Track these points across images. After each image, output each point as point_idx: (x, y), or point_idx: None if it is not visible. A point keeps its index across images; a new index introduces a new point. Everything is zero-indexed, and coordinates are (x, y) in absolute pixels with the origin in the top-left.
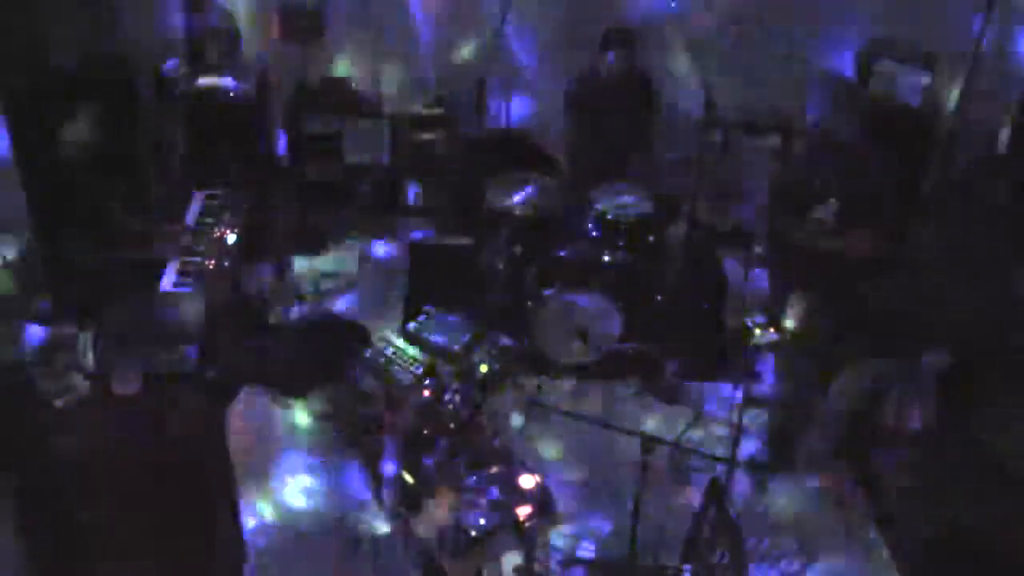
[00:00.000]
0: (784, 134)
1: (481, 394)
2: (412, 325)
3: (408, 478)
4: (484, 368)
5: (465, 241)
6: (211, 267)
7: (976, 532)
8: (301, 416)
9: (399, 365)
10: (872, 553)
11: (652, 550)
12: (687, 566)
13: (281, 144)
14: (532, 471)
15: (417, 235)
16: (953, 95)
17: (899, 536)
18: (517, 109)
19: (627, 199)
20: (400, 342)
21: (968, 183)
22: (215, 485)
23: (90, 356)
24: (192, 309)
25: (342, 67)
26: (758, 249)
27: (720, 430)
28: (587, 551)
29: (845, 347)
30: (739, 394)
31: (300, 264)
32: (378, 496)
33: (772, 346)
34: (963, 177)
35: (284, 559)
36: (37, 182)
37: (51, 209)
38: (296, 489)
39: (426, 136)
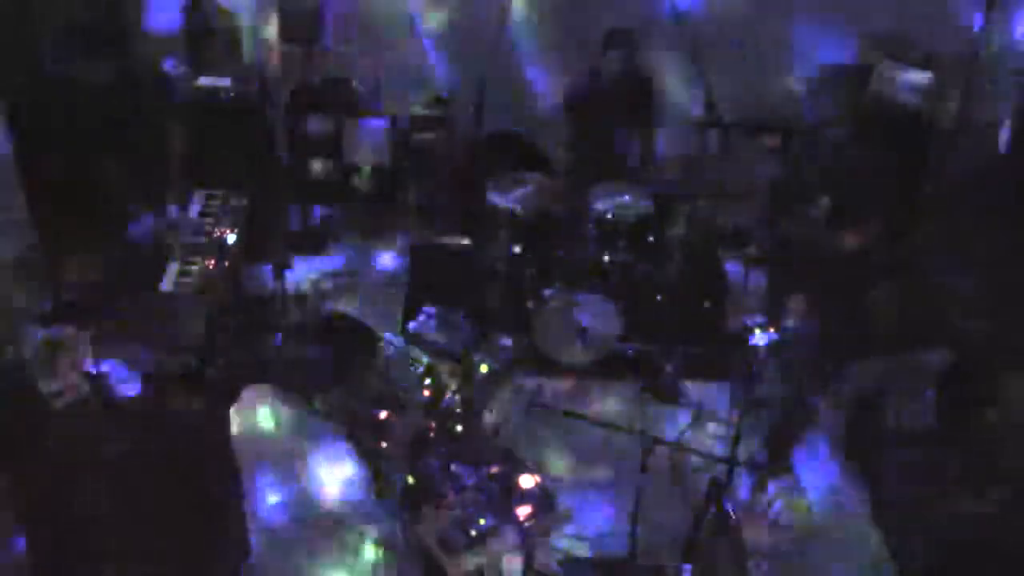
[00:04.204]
0: (784, 134)
1: (481, 394)
2: (412, 325)
3: (409, 478)
4: (484, 368)
5: (465, 241)
6: (211, 267)
7: (976, 532)
8: (303, 416)
9: (400, 365)
10: (872, 553)
11: (652, 550)
12: (687, 566)
13: (281, 144)
14: (532, 471)
15: (417, 235)
16: (953, 95)
17: (899, 536)
18: (518, 109)
19: (627, 199)
20: (401, 342)
21: (968, 183)
22: (217, 485)
23: (90, 356)
24: (192, 309)
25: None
26: (757, 249)
27: (720, 430)
28: (587, 551)
29: (845, 347)
30: (739, 394)
31: (300, 264)
32: (379, 496)
33: (772, 346)
34: (963, 177)
35: (286, 559)
36: (38, 182)
37: (52, 209)
38: (298, 489)
39: (426, 136)
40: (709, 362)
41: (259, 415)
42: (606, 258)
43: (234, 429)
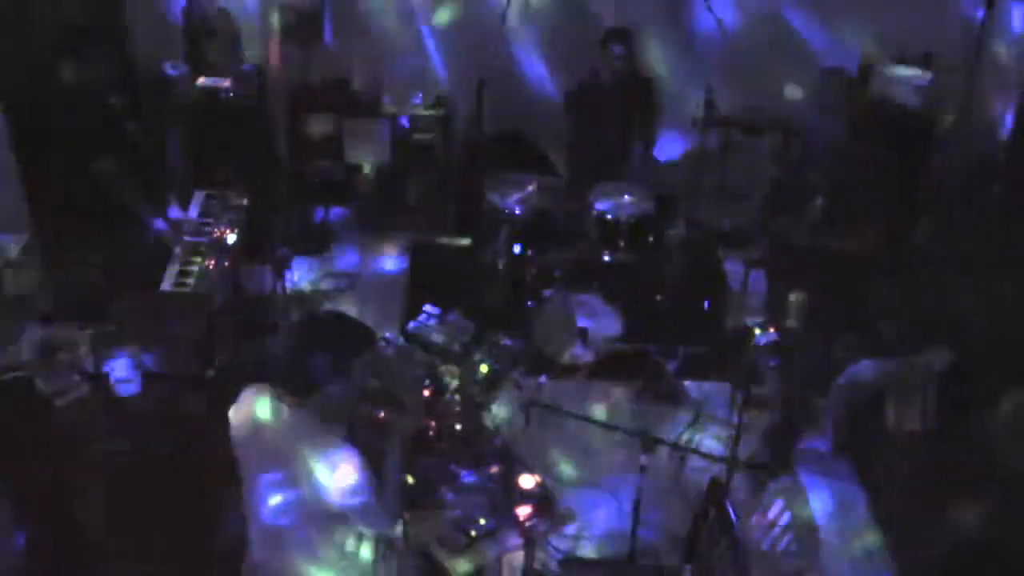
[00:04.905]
0: (784, 134)
1: (481, 394)
2: (412, 325)
3: (409, 478)
4: (484, 368)
5: (465, 241)
6: (211, 267)
7: (976, 532)
8: (302, 416)
9: (399, 365)
10: (872, 553)
11: (652, 550)
12: (687, 566)
13: (281, 144)
14: (532, 471)
15: (417, 235)
16: (953, 95)
17: (899, 536)
18: (517, 109)
19: (627, 199)
20: (401, 342)
21: (968, 183)
22: (216, 485)
23: (90, 356)
24: (192, 309)
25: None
26: (757, 250)
27: (720, 430)
28: (587, 551)
29: (845, 347)
30: (739, 394)
31: (300, 264)
32: (379, 496)
33: (772, 346)
34: (963, 177)
35: (285, 559)
36: (38, 182)
37: (52, 209)
38: (298, 489)
39: (426, 136)
40: (709, 362)
41: (259, 415)
42: (606, 258)
43: (234, 429)
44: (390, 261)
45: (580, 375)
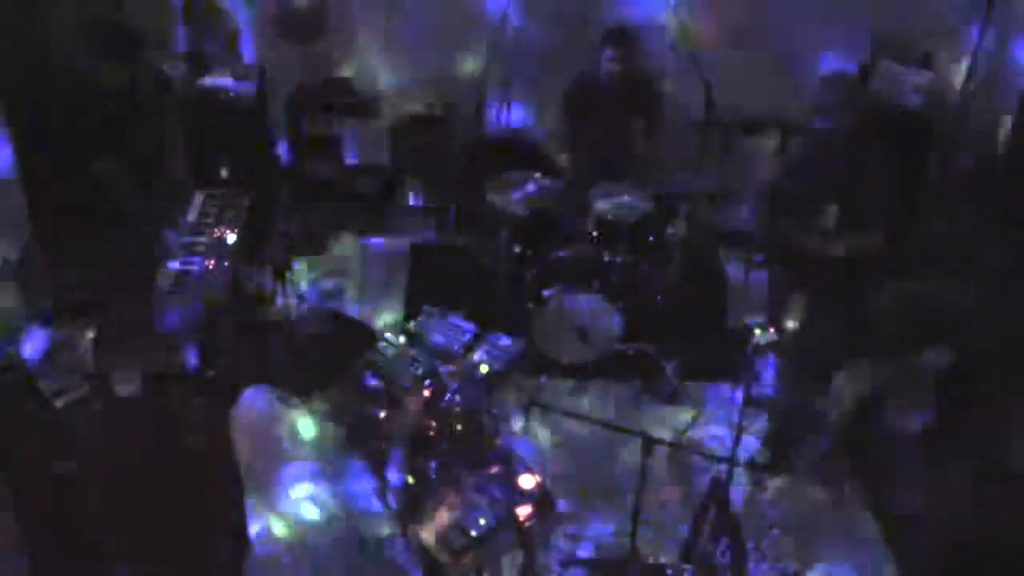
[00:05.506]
0: (784, 134)
1: (481, 394)
2: (412, 325)
3: (409, 479)
4: (484, 368)
5: (465, 241)
6: (211, 267)
7: (976, 532)
8: (303, 417)
9: (399, 365)
10: (872, 553)
11: (652, 550)
12: (687, 566)
13: (281, 144)
14: (532, 471)
15: (417, 235)
16: (953, 95)
17: (899, 536)
18: (517, 109)
19: (627, 199)
20: (401, 342)
21: (968, 183)
22: (217, 486)
23: (90, 356)
24: (192, 309)
25: (342, 67)
26: (758, 250)
27: (720, 430)
28: (587, 551)
29: (845, 347)
30: (739, 394)
31: (300, 264)
32: (380, 497)
33: (772, 346)
34: (963, 177)
35: (286, 560)
36: (38, 182)
37: (52, 209)
38: (298, 490)
39: (426, 136)
40: (709, 362)
41: (259, 416)
42: (606, 258)
43: (234, 429)
44: (390, 260)
45: (580, 375)
